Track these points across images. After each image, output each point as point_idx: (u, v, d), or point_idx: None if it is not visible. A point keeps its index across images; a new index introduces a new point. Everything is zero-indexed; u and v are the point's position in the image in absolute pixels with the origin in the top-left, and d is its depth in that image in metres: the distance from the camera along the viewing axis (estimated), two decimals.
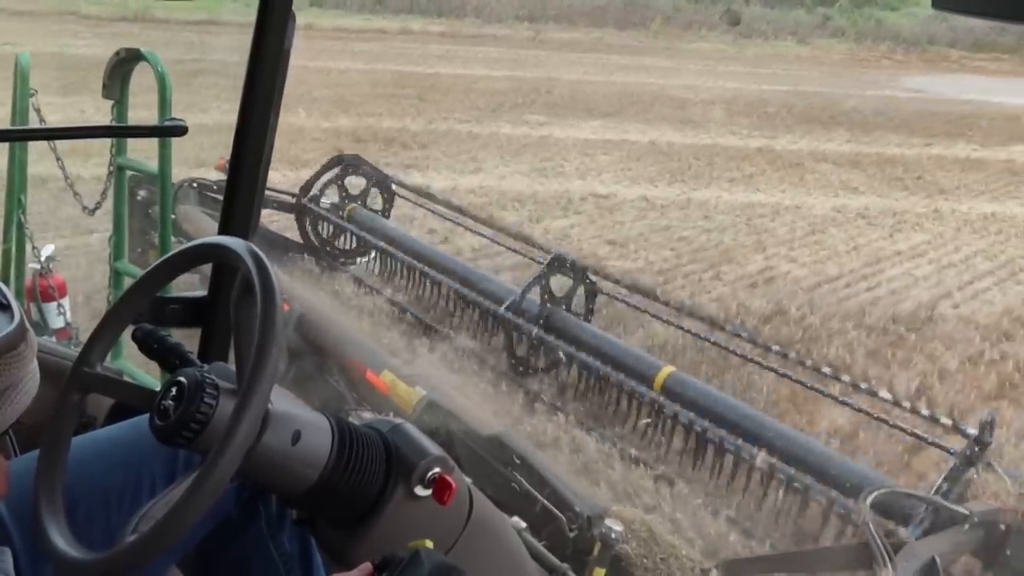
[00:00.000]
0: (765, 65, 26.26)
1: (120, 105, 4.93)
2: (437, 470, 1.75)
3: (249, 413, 1.48)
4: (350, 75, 19.47)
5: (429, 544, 1.53)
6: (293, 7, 2.24)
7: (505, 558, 2.02)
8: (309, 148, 12.33)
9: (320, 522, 1.80)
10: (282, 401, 1.64)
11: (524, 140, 15.73)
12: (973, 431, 4.82)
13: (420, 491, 1.74)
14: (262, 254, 1.63)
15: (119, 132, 5.02)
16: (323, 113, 15.57)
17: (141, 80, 4.95)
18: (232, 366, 1.66)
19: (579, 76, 22.32)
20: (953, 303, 8.11)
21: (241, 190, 2.40)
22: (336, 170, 8.80)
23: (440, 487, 1.74)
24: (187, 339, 1.99)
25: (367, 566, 1.52)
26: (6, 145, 5.36)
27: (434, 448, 1.78)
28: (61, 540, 1.57)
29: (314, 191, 8.68)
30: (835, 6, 36.06)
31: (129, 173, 5.36)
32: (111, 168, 5.17)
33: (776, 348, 6.14)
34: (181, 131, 3.16)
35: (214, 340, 2.38)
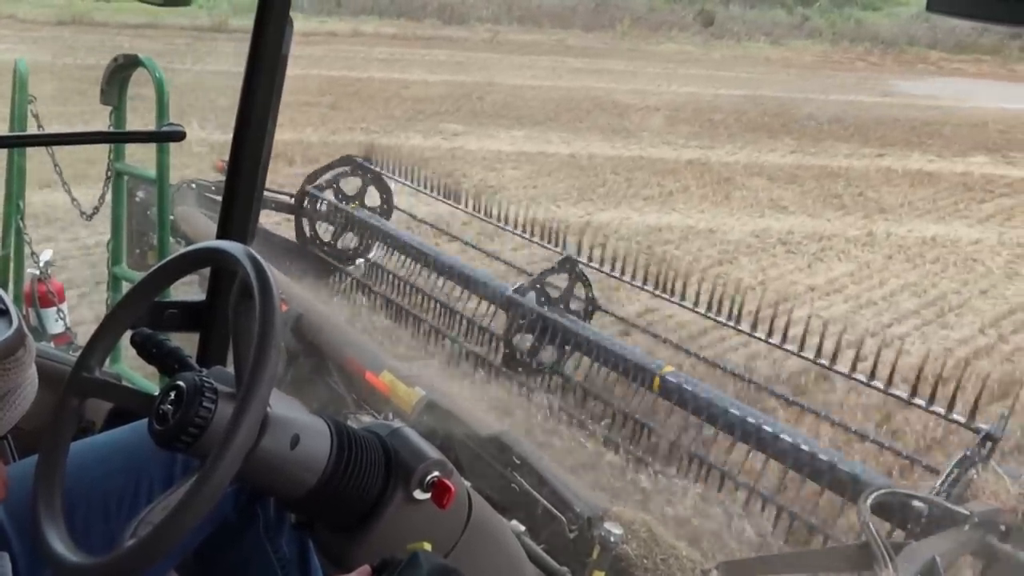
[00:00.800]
0: (729, 68, 25.28)
1: (118, 111, 4.94)
2: (436, 474, 1.75)
3: (248, 417, 1.48)
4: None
5: (428, 546, 1.54)
6: (286, 14, 2.25)
7: (504, 561, 2.02)
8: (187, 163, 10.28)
9: (319, 526, 1.80)
10: (281, 405, 1.65)
11: (431, 153, 14.26)
12: (984, 427, 4.79)
13: (419, 495, 1.74)
14: (260, 258, 1.63)
15: (117, 138, 5.03)
16: (220, 124, 14.25)
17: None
18: (231, 370, 1.67)
19: (524, 80, 21.11)
20: (860, 355, 6.60)
21: (239, 194, 2.40)
22: (340, 169, 8.82)
23: (439, 491, 1.75)
24: (186, 343, 1.98)
25: (365, 569, 1.52)
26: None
27: (433, 452, 1.78)
28: (60, 545, 1.57)
29: (314, 191, 8.68)
30: (815, 6, 35.39)
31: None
32: (109, 173, 5.17)
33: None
34: (179, 136, 3.16)
35: (213, 344, 2.38)
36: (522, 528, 4.21)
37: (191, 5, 2.67)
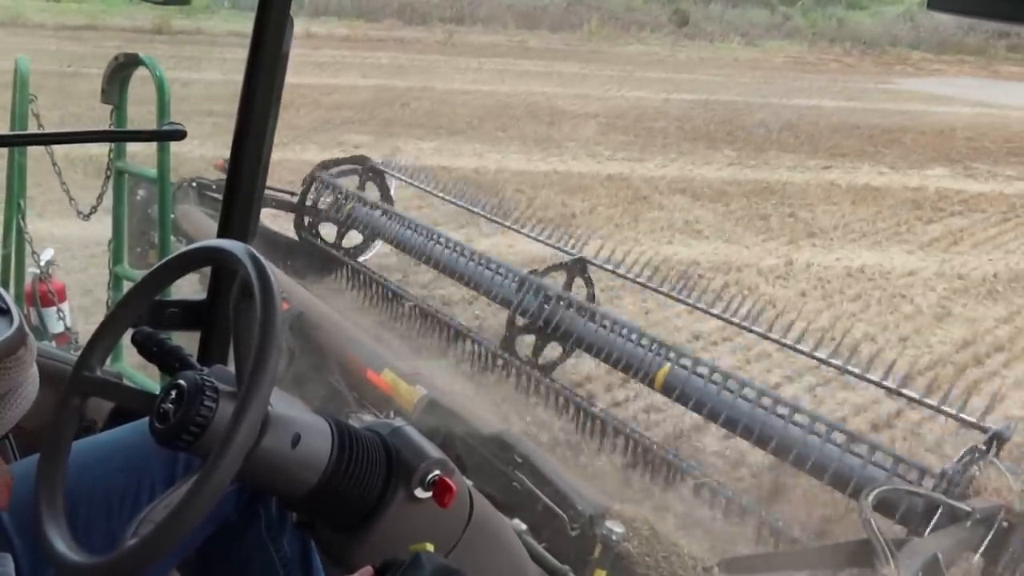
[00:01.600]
0: (692, 70, 24.16)
1: (119, 110, 4.94)
2: (437, 472, 1.75)
3: (249, 416, 1.48)
4: (193, 87, 15.11)
5: (430, 547, 1.54)
6: (286, 13, 2.25)
7: (506, 560, 2.02)
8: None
9: (320, 525, 1.80)
10: (282, 404, 1.65)
11: None
12: (992, 426, 4.77)
13: (420, 494, 1.74)
14: (261, 257, 1.63)
15: (118, 136, 5.03)
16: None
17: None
18: (232, 369, 1.67)
19: (462, 85, 19.56)
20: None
21: (240, 193, 2.40)
22: (343, 167, 8.86)
23: (440, 490, 1.74)
24: (187, 342, 1.98)
25: (368, 570, 1.52)
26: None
27: (434, 451, 1.79)
28: (62, 544, 1.57)
29: (315, 190, 8.69)
30: (797, 5, 34.58)
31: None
32: (108, 172, 5.18)
33: None
34: (180, 135, 3.16)
35: (214, 343, 2.38)
36: (524, 527, 4.22)
37: (190, 4, 2.68)
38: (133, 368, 4.60)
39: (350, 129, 15.18)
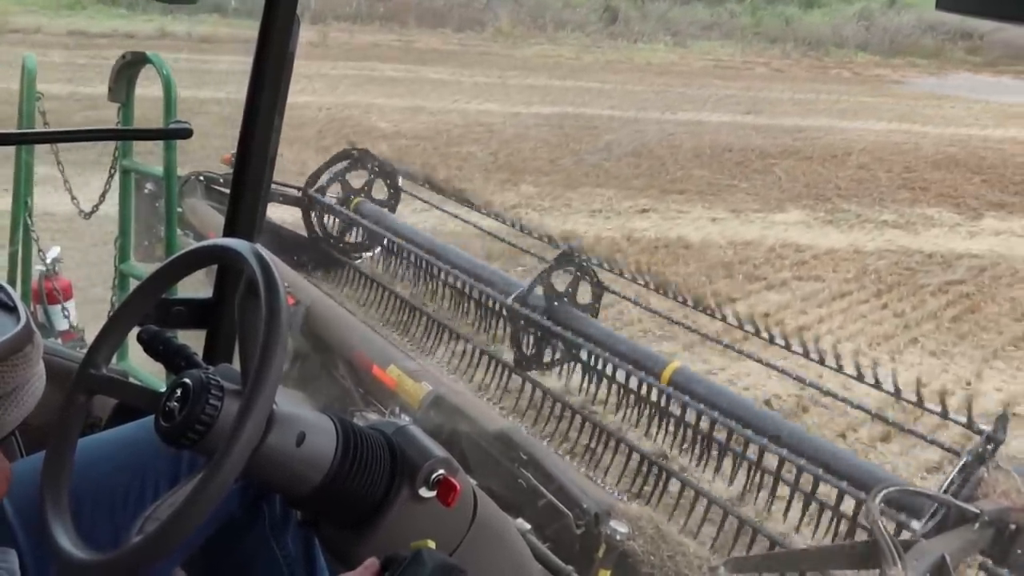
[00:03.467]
0: (582, 76, 21.29)
1: (126, 108, 4.95)
2: (441, 472, 1.75)
3: (254, 414, 1.49)
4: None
5: (431, 544, 1.54)
6: (293, 11, 2.25)
7: (509, 560, 2.02)
8: None
9: (324, 523, 1.80)
10: (287, 402, 1.65)
11: None
12: (986, 427, 4.78)
13: (424, 493, 1.74)
14: (267, 256, 1.64)
15: (124, 135, 5.01)
16: None
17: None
18: (238, 368, 1.67)
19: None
20: None
21: (246, 192, 2.40)
22: (343, 163, 8.81)
23: (444, 489, 1.75)
24: (193, 341, 1.98)
25: (373, 562, 1.53)
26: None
27: (438, 450, 1.79)
28: (67, 541, 1.57)
29: (320, 183, 8.72)
30: (746, 2, 32.53)
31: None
32: (112, 171, 5.19)
33: None
34: (186, 134, 3.16)
35: (220, 342, 2.39)
36: (528, 526, 4.22)
37: (195, 3, 2.68)
38: (139, 366, 4.59)
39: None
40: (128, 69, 4.90)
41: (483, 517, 1.88)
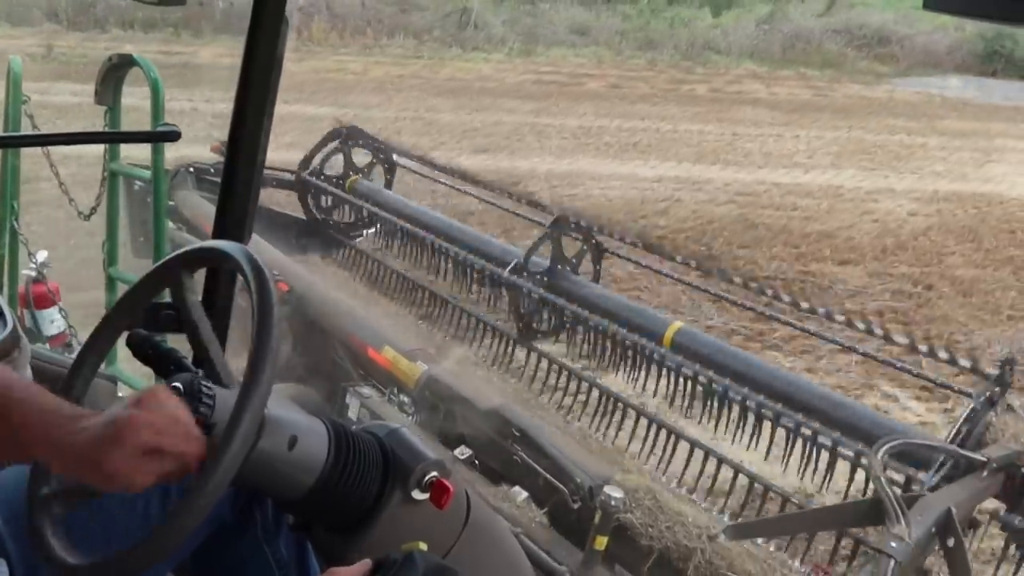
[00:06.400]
0: (321, 96, 17.80)
1: (113, 111, 4.90)
2: (434, 474, 1.76)
3: (247, 418, 1.49)
4: None
5: (423, 546, 1.54)
6: (281, 13, 2.24)
7: (502, 562, 2.03)
8: None
9: (317, 527, 1.81)
10: (278, 407, 1.65)
11: None
12: (993, 371, 4.77)
13: (417, 495, 1.75)
14: (258, 258, 1.63)
15: (112, 138, 5.00)
16: None
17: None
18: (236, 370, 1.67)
19: None
20: None
21: (236, 193, 2.41)
22: (335, 143, 8.80)
23: (437, 491, 1.76)
24: (183, 345, 1.97)
25: (367, 563, 1.53)
26: None
27: (431, 452, 1.79)
28: (57, 548, 1.57)
29: (315, 164, 8.73)
30: (640, 3, 30.40)
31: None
32: (105, 174, 5.12)
33: None
34: (175, 136, 3.15)
35: None
36: (524, 494, 4.24)
37: (184, 3, 2.66)
38: (128, 371, 4.51)
39: None
40: (115, 72, 4.84)
41: (476, 519, 1.89)
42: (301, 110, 15.10)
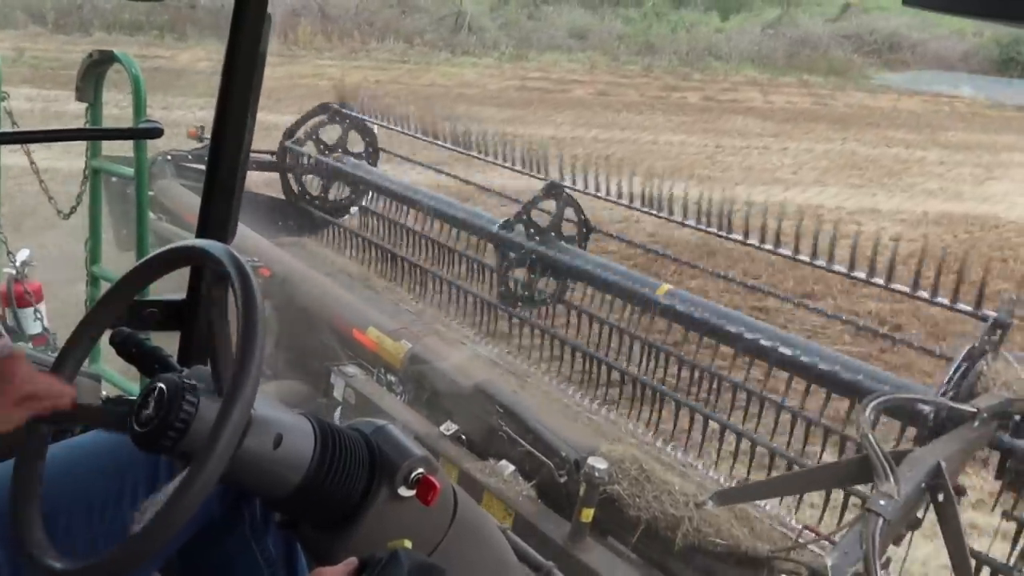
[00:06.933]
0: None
1: (94, 108, 4.84)
2: (421, 471, 1.76)
3: (234, 416, 1.49)
4: None
5: (408, 544, 1.55)
6: (263, 10, 2.24)
7: (490, 557, 2.04)
8: None
9: (304, 525, 1.81)
10: (264, 405, 1.65)
11: None
12: (991, 313, 4.70)
13: (404, 492, 1.76)
14: (241, 257, 1.64)
15: (93, 135, 4.95)
16: None
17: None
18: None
19: None
20: None
21: (219, 191, 2.40)
22: (319, 118, 8.68)
23: (424, 488, 1.76)
24: (167, 342, 1.97)
25: (353, 561, 1.54)
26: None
27: (418, 448, 1.80)
28: (41, 550, 1.58)
29: (294, 146, 8.61)
30: (648, 5, 29.58)
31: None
32: (87, 172, 5.07)
33: None
34: (157, 133, 3.13)
35: (194, 343, 2.37)
36: (511, 468, 4.25)
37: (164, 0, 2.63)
38: (112, 369, 4.54)
39: None
40: (95, 68, 4.76)
41: (463, 515, 1.89)
42: (262, 118, 13.21)
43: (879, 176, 16.09)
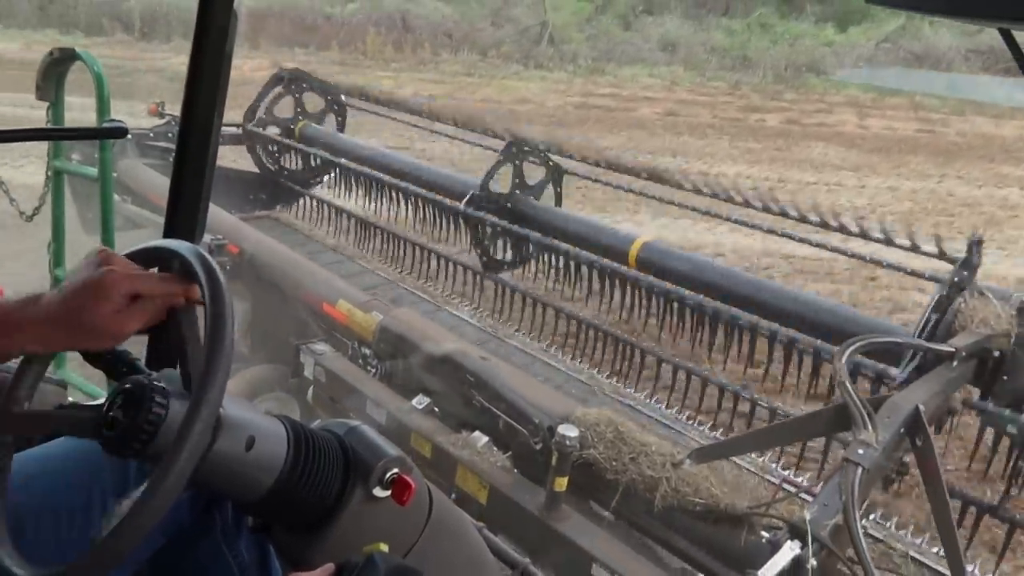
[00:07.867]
0: None
1: (55, 107, 4.80)
2: (395, 471, 1.76)
3: (201, 418, 1.48)
4: None
5: (384, 547, 1.56)
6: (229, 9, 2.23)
7: (466, 556, 2.04)
8: None
9: (277, 528, 1.80)
10: (235, 407, 1.64)
11: None
12: (959, 255, 4.72)
13: (379, 492, 1.75)
14: (209, 257, 1.63)
15: (55, 135, 4.88)
16: None
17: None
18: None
19: None
20: None
21: (186, 191, 2.40)
22: (279, 88, 8.62)
23: (399, 488, 1.76)
24: (135, 347, 1.97)
25: (330, 567, 1.53)
26: None
27: (392, 448, 1.79)
28: (7, 559, 1.57)
29: (260, 114, 8.57)
30: (754, 16, 27.50)
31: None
32: (49, 172, 5.01)
33: None
34: (121, 133, 3.10)
35: (163, 347, 2.34)
36: (485, 439, 4.25)
37: None
38: (79, 375, 4.51)
39: None
40: (56, 67, 4.72)
41: (439, 514, 1.89)
42: None
43: (970, 227, 11.48)
